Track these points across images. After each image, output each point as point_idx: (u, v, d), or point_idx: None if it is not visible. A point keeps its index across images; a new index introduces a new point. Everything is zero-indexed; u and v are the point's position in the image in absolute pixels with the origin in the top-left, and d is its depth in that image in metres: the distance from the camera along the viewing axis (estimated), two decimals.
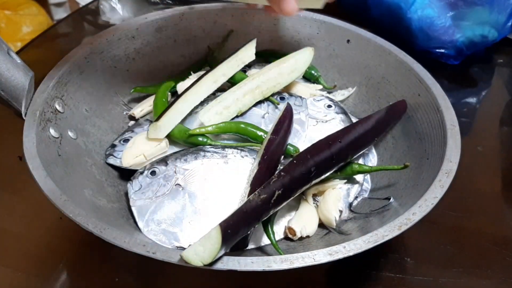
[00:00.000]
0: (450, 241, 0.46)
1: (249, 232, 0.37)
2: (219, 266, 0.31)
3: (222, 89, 0.51)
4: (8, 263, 0.43)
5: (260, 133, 0.46)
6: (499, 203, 0.52)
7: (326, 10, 0.57)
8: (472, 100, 0.66)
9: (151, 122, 0.49)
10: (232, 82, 0.52)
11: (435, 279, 0.42)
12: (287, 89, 0.55)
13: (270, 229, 0.39)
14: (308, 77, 0.58)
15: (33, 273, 0.42)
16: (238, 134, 0.47)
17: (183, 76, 0.55)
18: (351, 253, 0.32)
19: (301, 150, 0.46)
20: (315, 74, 0.57)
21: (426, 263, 0.44)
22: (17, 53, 0.71)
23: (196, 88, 0.48)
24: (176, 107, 0.46)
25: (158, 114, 0.47)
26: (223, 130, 0.47)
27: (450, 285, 0.42)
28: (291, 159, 0.39)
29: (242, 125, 0.47)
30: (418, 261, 0.44)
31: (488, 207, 0.51)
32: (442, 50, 0.68)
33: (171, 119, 0.46)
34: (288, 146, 0.45)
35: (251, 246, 0.41)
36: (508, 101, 0.67)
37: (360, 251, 0.32)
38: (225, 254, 0.32)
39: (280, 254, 0.37)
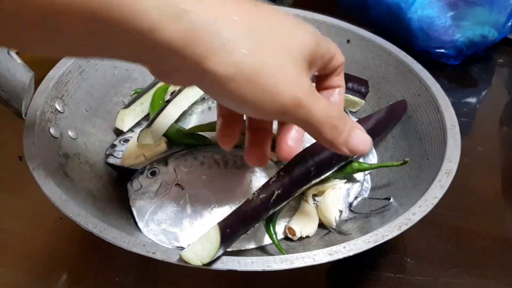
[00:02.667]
0: (450, 241, 0.46)
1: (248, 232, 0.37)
2: (219, 266, 0.31)
3: None
4: (8, 263, 0.43)
5: None
6: (499, 203, 0.52)
7: (326, 10, 0.57)
8: (472, 100, 0.66)
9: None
10: None
11: (435, 279, 0.42)
12: None
13: (272, 229, 0.39)
14: None
15: (33, 273, 0.42)
16: None
17: None
18: (351, 253, 0.32)
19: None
20: None
21: (426, 263, 0.44)
22: (17, 53, 0.71)
23: (185, 93, 0.49)
24: (166, 112, 0.47)
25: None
26: None
27: (450, 285, 0.42)
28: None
29: None
30: (418, 261, 0.44)
31: (488, 207, 0.51)
32: (442, 50, 0.68)
33: (161, 125, 0.46)
34: None
35: (252, 246, 0.41)
36: (508, 101, 0.67)
37: (360, 251, 0.32)
38: (225, 254, 0.32)
39: (283, 253, 0.37)
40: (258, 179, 0.44)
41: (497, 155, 0.58)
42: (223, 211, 0.41)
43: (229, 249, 0.41)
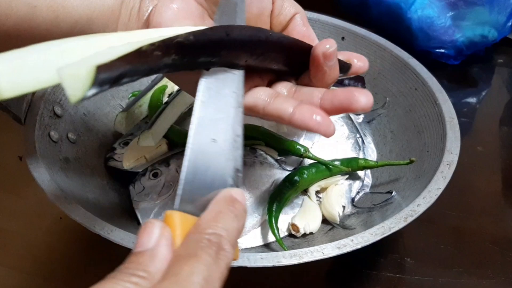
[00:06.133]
0: (450, 241, 0.46)
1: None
2: None
3: None
4: (8, 263, 0.43)
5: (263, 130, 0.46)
6: (499, 203, 0.52)
7: (326, 10, 0.57)
8: (472, 100, 0.66)
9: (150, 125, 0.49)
10: None
11: (435, 279, 0.42)
12: None
13: (274, 225, 0.39)
14: None
15: (33, 273, 0.42)
16: (248, 136, 0.47)
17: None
18: (359, 246, 0.32)
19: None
20: None
21: (426, 263, 0.44)
22: None
23: (183, 94, 0.49)
24: (166, 114, 0.47)
25: (152, 116, 0.47)
26: None
27: (450, 285, 0.42)
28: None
29: (250, 127, 0.47)
30: (418, 261, 0.44)
31: (488, 207, 0.51)
32: (442, 50, 0.68)
33: (161, 126, 0.46)
34: (297, 146, 0.45)
35: (257, 243, 0.41)
36: (508, 101, 0.67)
37: (368, 243, 0.32)
38: None
39: (284, 248, 0.37)
40: (260, 177, 0.44)
41: (497, 155, 0.58)
42: None
43: None
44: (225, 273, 0.20)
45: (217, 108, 0.26)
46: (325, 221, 0.44)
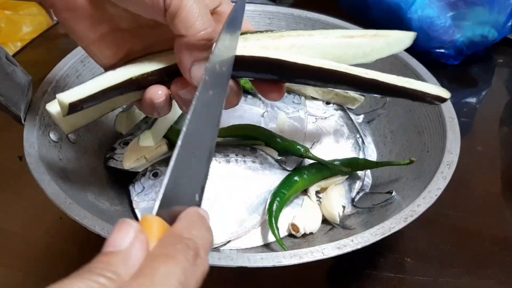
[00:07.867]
0: (450, 241, 0.46)
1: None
2: (229, 263, 0.31)
3: None
4: (8, 263, 0.43)
5: (263, 130, 0.46)
6: (499, 203, 0.52)
7: (326, 10, 0.57)
8: (472, 100, 0.66)
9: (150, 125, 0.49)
10: None
11: (435, 279, 0.42)
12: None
13: (274, 225, 0.39)
14: None
15: (33, 273, 0.42)
16: (248, 136, 0.47)
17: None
18: (359, 246, 0.32)
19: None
20: None
21: (426, 263, 0.44)
22: (17, 53, 0.71)
23: None
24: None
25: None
26: (232, 132, 0.46)
27: (450, 285, 0.42)
28: None
29: (250, 127, 0.47)
30: (418, 261, 0.44)
31: (488, 207, 0.51)
32: (442, 50, 0.68)
33: (162, 126, 0.46)
34: (297, 146, 0.45)
35: (257, 243, 0.41)
36: (508, 101, 0.67)
37: (368, 243, 0.32)
38: (233, 251, 0.32)
39: (284, 248, 0.37)
40: (260, 176, 0.44)
41: (497, 155, 0.58)
42: (227, 210, 0.41)
43: (235, 247, 0.41)
44: (200, 282, 0.19)
45: (202, 124, 0.27)
46: (325, 221, 0.44)
